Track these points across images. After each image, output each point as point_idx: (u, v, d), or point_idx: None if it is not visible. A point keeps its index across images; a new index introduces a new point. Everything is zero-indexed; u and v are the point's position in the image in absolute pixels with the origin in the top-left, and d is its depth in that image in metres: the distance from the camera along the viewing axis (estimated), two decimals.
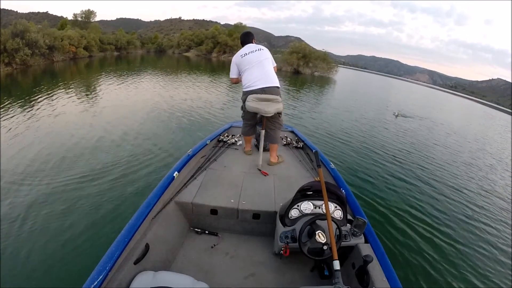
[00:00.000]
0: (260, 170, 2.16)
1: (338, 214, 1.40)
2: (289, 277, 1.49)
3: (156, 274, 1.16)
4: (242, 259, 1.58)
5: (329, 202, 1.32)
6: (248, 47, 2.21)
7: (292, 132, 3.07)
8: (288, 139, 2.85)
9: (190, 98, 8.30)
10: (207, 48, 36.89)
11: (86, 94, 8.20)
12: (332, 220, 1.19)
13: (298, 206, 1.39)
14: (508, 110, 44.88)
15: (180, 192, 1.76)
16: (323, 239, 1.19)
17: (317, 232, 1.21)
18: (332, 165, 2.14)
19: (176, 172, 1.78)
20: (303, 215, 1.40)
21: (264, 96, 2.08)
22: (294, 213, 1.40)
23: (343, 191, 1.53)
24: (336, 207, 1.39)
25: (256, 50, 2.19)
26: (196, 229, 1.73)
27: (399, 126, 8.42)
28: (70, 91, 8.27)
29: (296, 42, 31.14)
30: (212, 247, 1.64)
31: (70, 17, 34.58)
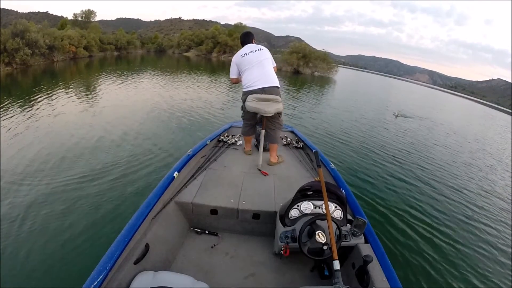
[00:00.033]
0: (260, 170, 2.16)
1: (338, 214, 1.40)
2: (289, 277, 1.49)
3: (156, 274, 1.16)
4: (242, 259, 1.58)
5: (329, 202, 1.32)
6: (248, 47, 2.21)
7: (292, 132, 3.07)
8: (288, 139, 2.85)
9: (190, 98, 8.30)
10: (207, 48, 36.87)
11: (86, 94, 8.20)
12: (332, 220, 1.19)
13: (298, 206, 1.39)
14: (508, 110, 44.89)
15: (180, 192, 1.76)
16: (323, 239, 1.19)
17: (317, 232, 1.21)
18: (332, 165, 2.14)
19: (176, 172, 1.77)
20: (303, 215, 1.40)
21: (264, 96, 2.08)
22: (294, 213, 1.40)
23: (343, 191, 1.53)
24: (336, 207, 1.39)
25: (256, 50, 2.19)
26: (196, 229, 1.73)
27: (399, 126, 8.42)
28: (70, 91, 8.27)
29: (296, 42, 31.15)
30: (212, 247, 1.64)
31: (70, 17, 34.73)
